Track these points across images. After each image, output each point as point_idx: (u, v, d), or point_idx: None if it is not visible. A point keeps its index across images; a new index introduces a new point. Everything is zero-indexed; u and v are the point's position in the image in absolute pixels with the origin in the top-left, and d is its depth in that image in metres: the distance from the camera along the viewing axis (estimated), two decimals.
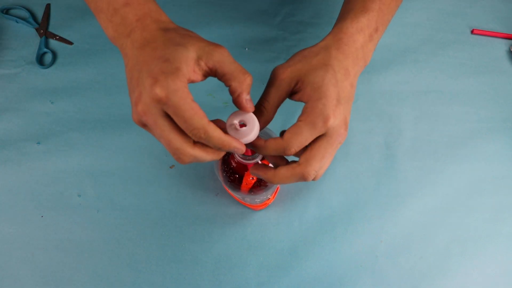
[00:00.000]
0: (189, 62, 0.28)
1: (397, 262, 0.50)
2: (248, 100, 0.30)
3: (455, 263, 0.50)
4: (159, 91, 0.27)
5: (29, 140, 0.55)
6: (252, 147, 0.32)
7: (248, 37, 0.61)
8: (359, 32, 0.34)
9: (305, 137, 0.30)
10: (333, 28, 0.36)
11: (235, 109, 0.31)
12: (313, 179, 0.32)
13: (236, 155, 0.34)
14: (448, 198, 0.53)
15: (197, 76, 0.29)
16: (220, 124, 0.31)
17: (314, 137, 0.30)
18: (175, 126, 0.28)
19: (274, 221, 0.51)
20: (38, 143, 0.55)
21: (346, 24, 0.34)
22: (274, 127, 0.44)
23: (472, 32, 0.63)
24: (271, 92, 0.32)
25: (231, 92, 0.30)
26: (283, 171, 0.31)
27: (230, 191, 0.41)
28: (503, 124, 0.57)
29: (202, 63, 0.29)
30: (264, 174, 0.32)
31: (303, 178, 0.31)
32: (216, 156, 0.31)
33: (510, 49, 0.61)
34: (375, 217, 0.51)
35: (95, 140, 0.55)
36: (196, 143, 0.30)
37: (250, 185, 0.39)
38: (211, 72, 0.30)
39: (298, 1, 0.64)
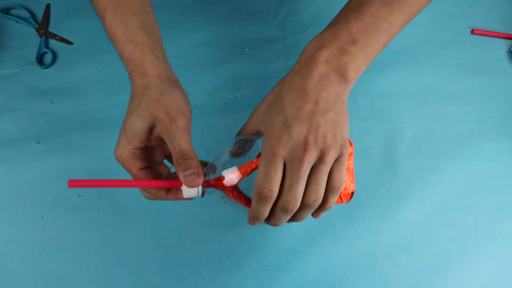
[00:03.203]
0: (141, 136, 0.33)
1: (397, 262, 0.50)
2: (188, 175, 0.31)
3: (455, 263, 0.50)
4: (116, 154, 0.34)
5: (29, 140, 0.55)
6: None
7: (248, 37, 0.61)
8: (320, 49, 0.32)
9: (267, 174, 0.29)
10: None
11: (236, 108, 0.31)
12: (312, 207, 0.32)
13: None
14: (448, 198, 0.53)
15: (155, 142, 0.34)
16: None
17: (276, 170, 0.30)
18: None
19: None
20: (38, 143, 0.55)
21: (308, 45, 0.33)
22: None
23: (472, 32, 0.63)
24: (241, 131, 0.37)
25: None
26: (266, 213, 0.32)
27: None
28: (503, 124, 0.57)
29: (156, 133, 0.33)
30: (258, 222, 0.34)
31: (284, 210, 0.31)
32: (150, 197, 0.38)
33: (510, 49, 0.61)
34: (375, 217, 0.51)
35: (95, 140, 0.55)
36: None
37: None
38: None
39: (298, 1, 0.64)
